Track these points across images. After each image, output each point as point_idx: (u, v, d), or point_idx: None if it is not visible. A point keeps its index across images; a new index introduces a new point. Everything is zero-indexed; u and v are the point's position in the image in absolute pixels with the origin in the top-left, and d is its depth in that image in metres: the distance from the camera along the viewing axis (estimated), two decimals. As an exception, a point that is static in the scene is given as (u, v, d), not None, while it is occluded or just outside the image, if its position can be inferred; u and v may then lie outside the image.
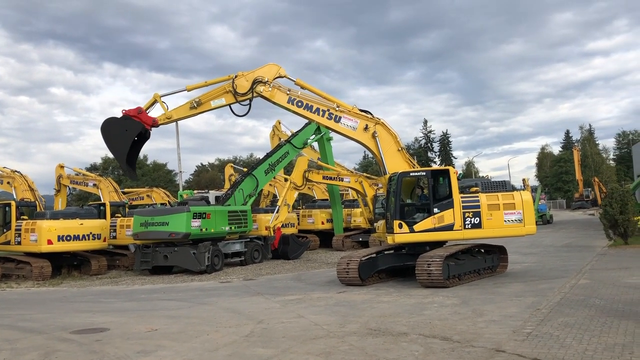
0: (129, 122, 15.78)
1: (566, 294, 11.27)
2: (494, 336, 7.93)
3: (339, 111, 15.17)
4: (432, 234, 14.06)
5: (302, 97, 15.47)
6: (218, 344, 8.34)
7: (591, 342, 7.27)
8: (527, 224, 14.38)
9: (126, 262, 22.52)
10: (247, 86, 15.55)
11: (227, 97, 15.77)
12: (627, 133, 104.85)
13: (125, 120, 15.73)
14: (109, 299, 14.63)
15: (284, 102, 15.51)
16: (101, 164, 67.98)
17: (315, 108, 15.39)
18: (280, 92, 15.57)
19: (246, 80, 15.44)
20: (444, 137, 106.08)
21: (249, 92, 15.58)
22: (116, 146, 15.90)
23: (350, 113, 15.23)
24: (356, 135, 15.26)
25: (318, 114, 15.39)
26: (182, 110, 16.14)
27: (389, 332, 8.55)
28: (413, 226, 13.99)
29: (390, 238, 13.95)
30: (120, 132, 15.56)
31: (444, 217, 14.06)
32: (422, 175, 14.71)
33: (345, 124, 15.22)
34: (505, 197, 14.48)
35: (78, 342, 8.84)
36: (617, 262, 16.47)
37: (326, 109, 15.23)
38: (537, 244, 25.81)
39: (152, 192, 32.62)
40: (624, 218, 21.93)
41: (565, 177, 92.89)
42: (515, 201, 14.41)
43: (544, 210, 46.40)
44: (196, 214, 19.36)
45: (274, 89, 15.47)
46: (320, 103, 15.35)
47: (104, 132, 16.09)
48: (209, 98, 15.81)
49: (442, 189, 14.32)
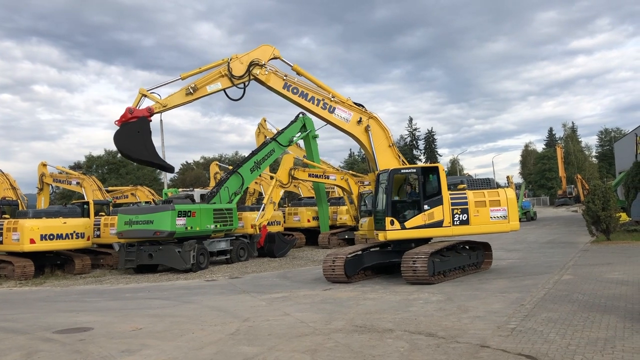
0: (133, 124, 14.44)
1: (550, 289, 11.38)
2: (479, 332, 7.99)
3: (333, 102, 14.88)
4: (423, 231, 14.16)
5: (298, 84, 15.04)
6: (203, 342, 8.30)
7: (574, 336, 7.35)
8: (511, 220, 14.66)
9: (110, 261, 22.33)
10: (243, 69, 14.95)
11: (222, 81, 15.04)
12: (609, 130, 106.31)
13: (128, 125, 14.32)
14: (92, 298, 14.49)
15: (279, 88, 15.02)
16: (85, 162, 67.43)
17: (311, 96, 15.07)
18: (277, 77, 15.12)
19: (241, 63, 14.87)
20: (429, 135, 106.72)
21: (246, 74, 14.97)
22: (142, 151, 14.50)
23: (344, 105, 15.01)
24: (348, 127, 15.02)
25: (313, 103, 15.06)
26: (177, 97, 15.24)
27: (375, 329, 8.57)
28: (404, 223, 14.06)
29: (382, 235, 13.96)
30: (135, 137, 14.25)
31: (433, 214, 14.19)
32: (412, 173, 14.77)
33: (339, 115, 14.96)
34: (491, 194, 14.77)
35: (61, 342, 8.75)
36: (600, 258, 16.67)
37: (321, 99, 14.90)
38: (521, 240, 26.05)
39: (137, 191, 32.34)
40: (606, 214, 22.19)
41: (548, 174, 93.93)
42: (501, 198, 14.67)
43: (528, 207, 46.84)
44: (181, 212, 19.24)
45: (270, 73, 14.94)
46: (315, 92, 15.03)
47: (121, 148, 14.55)
48: (204, 83, 15.21)
49: (432, 186, 14.42)
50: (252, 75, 15.06)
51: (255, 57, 15.21)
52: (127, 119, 14.08)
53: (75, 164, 66.04)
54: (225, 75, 15.05)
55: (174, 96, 15.34)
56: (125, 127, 14.22)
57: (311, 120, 25.85)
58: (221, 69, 15.08)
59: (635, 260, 15.68)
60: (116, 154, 70.44)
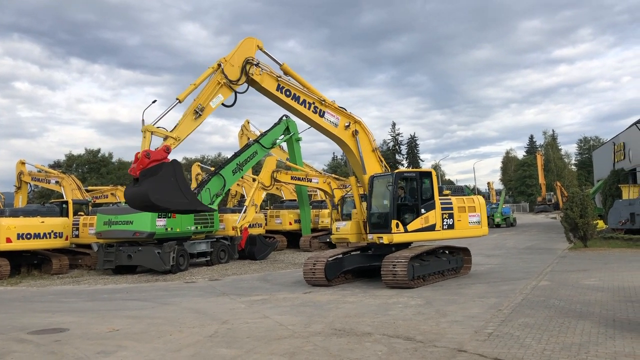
0: (163, 172, 11.62)
1: (527, 295, 11.50)
2: (457, 336, 8.04)
3: (323, 105, 14.41)
4: (421, 234, 14.43)
5: (290, 86, 14.24)
6: (181, 344, 8.24)
7: (550, 341, 7.45)
8: (483, 225, 15.85)
9: (89, 261, 22.06)
10: (237, 71, 13.51)
11: (223, 91, 13.33)
12: (589, 139, 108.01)
13: (156, 174, 11.42)
14: (69, 298, 14.30)
15: (272, 89, 13.95)
16: (65, 161, 66.53)
17: (302, 99, 14.35)
18: (271, 78, 14.01)
19: (232, 65, 13.42)
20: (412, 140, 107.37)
21: (241, 75, 13.52)
22: (181, 200, 11.87)
23: (332, 108, 14.71)
24: (337, 132, 14.56)
25: (304, 106, 14.36)
26: (187, 125, 12.93)
27: (354, 332, 8.59)
28: (406, 226, 14.19)
29: (387, 237, 13.95)
30: (169, 185, 11.63)
31: (428, 218, 14.48)
32: (414, 176, 14.93)
33: (328, 119, 14.52)
34: (469, 200, 15.70)
35: (36, 343, 8.62)
36: (577, 265, 16.90)
37: (312, 102, 14.19)
38: (500, 246, 26.30)
39: (117, 191, 32.00)
40: (583, 221, 22.51)
41: (528, 181, 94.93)
42: (476, 204, 15.71)
43: (508, 213, 47.26)
44: (161, 213, 19.09)
45: (264, 74, 13.82)
46: (306, 94, 14.31)
47: (159, 202, 11.47)
48: (207, 99, 13.26)
49: (427, 190, 14.69)
50: (248, 76, 13.66)
51: (249, 56, 13.85)
52: (146, 165, 11.48)
53: (54, 162, 65.08)
54: (223, 84, 13.26)
55: (183, 125, 12.82)
56: (151, 176, 11.45)
57: (294, 123, 25.83)
58: (218, 78, 13.26)
59: (610, 267, 15.93)
60: (97, 153, 69.81)
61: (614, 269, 15.30)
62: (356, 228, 15.14)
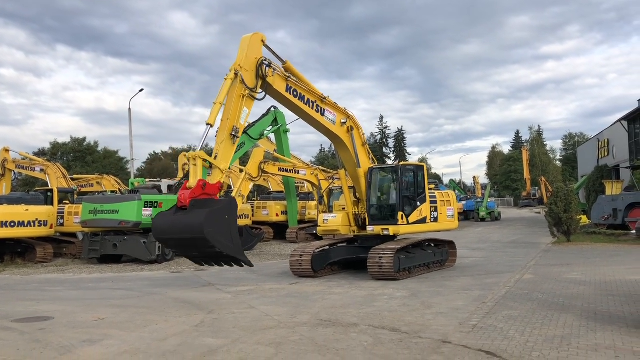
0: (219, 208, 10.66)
1: (511, 288, 11.64)
2: (441, 328, 8.13)
3: (324, 103, 14.03)
4: (418, 226, 14.70)
5: (297, 85, 13.31)
6: (167, 333, 8.24)
7: (533, 334, 7.55)
8: (455, 219, 16.54)
9: (74, 250, 21.89)
10: (253, 77, 12.16)
11: (247, 103, 12.07)
12: (574, 135, 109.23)
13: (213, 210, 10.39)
14: (54, 287, 14.21)
15: (283, 90, 12.93)
16: (50, 149, 65.78)
17: (307, 99, 13.58)
18: (281, 79, 12.88)
19: (247, 71, 12.04)
20: (399, 134, 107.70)
21: (257, 79, 12.20)
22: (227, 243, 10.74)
23: (331, 105, 14.20)
24: (335, 129, 14.24)
25: (309, 106, 13.59)
26: (228, 153, 11.86)
27: (340, 323, 8.65)
28: (408, 218, 14.35)
29: (394, 229, 14.08)
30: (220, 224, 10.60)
31: (422, 210, 14.73)
32: (413, 169, 15.06)
33: (328, 117, 14.18)
34: (446, 194, 16.29)
35: (20, 331, 8.57)
36: (560, 259, 17.12)
37: (314, 100, 13.70)
38: (485, 239, 26.54)
39: (103, 180, 31.73)
40: (567, 216, 22.77)
41: (514, 175, 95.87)
42: (451, 198, 16.36)
43: (493, 208, 47.65)
44: (147, 203, 18.98)
45: (276, 75, 12.67)
46: (310, 93, 13.74)
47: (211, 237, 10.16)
48: (237, 118, 11.95)
49: (421, 183, 14.92)
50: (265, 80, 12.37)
51: (254, 55, 12.41)
52: (198, 196, 10.62)
53: (39, 150, 64.26)
54: (245, 95, 11.88)
55: (225, 154, 11.69)
56: (206, 208, 10.46)
57: (282, 114, 25.80)
58: (240, 92, 11.85)
59: (593, 261, 16.16)
60: (82, 141, 69.05)
61: (596, 264, 15.52)
62: (346, 220, 15.17)
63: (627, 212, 25.70)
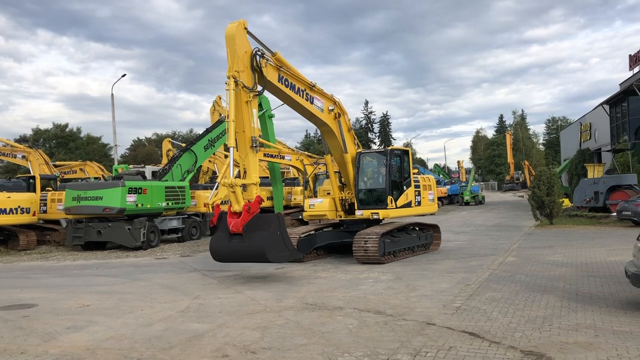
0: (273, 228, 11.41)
1: (494, 270, 11.79)
2: (425, 310, 8.22)
3: (313, 91, 13.93)
4: (404, 210, 14.88)
5: (288, 75, 13.05)
6: (152, 319, 8.23)
7: (515, 315, 7.67)
8: (435, 203, 16.92)
9: (57, 237, 21.72)
10: (250, 75, 11.86)
11: (253, 105, 12.04)
12: (557, 119, 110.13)
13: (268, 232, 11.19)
14: (38, 274, 14.10)
15: (275, 81, 12.69)
16: (31, 136, 64.91)
17: (297, 88, 13.38)
18: (273, 69, 12.61)
19: (242, 71, 11.75)
20: (384, 119, 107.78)
21: (253, 72, 11.95)
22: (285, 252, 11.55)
23: (319, 93, 14.05)
24: (323, 116, 14.14)
25: (299, 95, 13.40)
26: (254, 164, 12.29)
27: (325, 307, 8.70)
28: (396, 202, 14.51)
29: (384, 213, 14.18)
30: (275, 240, 11.39)
31: (408, 195, 14.95)
32: (400, 154, 15.19)
33: (316, 104, 14.12)
34: (427, 179, 16.58)
35: (3, 319, 8.51)
36: (543, 241, 17.35)
37: (304, 89, 13.53)
38: (468, 223, 26.79)
39: (86, 166, 31.40)
40: (550, 200, 23.06)
41: (497, 160, 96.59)
42: (432, 183, 16.60)
43: (477, 192, 48.06)
44: (132, 189, 18.85)
45: (269, 65, 12.39)
46: (300, 82, 13.57)
47: (275, 259, 11.32)
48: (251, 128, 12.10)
49: (406, 168, 15.14)
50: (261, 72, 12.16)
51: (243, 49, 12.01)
52: (247, 220, 11.21)
53: (20, 137, 63.35)
54: (250, 100, 11.88)
55: (251, 167, 12.12)
56: (261, 231, 11.17)
57: (267, 99, 25.63)
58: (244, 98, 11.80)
59: (575, 243, 16.40)
60: (65, 127, 68.22)
61: (578, 246, 15.76)
62: (332, 205, 15.20)
63: (608, 195, 26.09)
